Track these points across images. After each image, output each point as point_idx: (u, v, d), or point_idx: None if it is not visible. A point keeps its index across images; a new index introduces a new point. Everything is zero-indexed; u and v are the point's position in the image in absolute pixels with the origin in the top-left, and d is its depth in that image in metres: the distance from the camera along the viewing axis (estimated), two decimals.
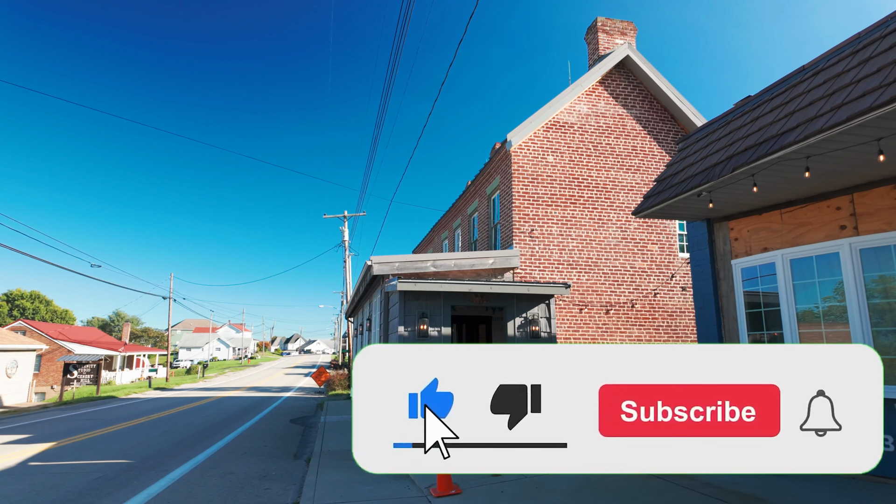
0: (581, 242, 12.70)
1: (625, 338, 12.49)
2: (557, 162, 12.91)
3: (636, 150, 13.46)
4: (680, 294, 13.00)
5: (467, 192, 16.55)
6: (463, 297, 9.58)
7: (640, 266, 12.95)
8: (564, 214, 12.73)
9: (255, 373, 57.36)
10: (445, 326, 9.42)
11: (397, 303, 9.50)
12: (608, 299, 12.60)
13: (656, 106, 13.83)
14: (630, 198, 13.18)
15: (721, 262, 7.37)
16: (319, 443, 11.06)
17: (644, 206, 7.29)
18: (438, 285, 9.04)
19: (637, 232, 13.08)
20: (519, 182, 12.57)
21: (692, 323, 12.90)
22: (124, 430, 14.73)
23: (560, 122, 13.12)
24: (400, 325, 9.25)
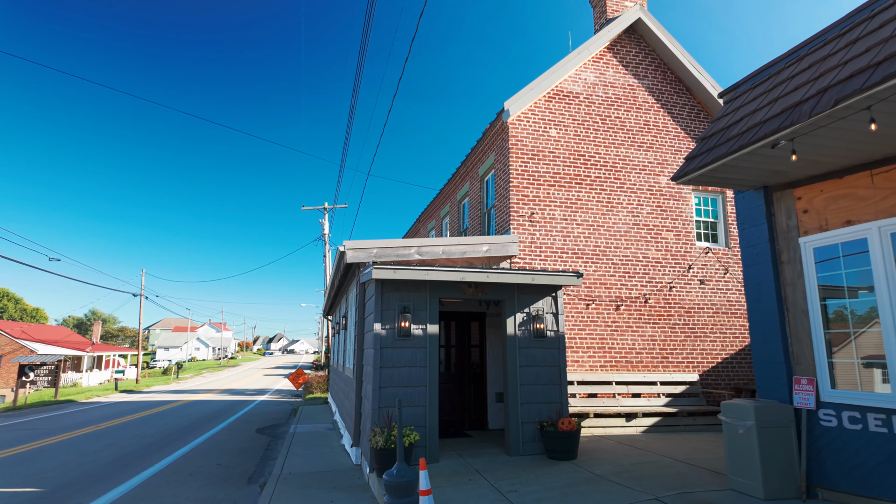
0: (587, 228, 11.09)
1: (637, 338, 10.92)
2: (561, 136, 11.29)
3: (648, 125, 11.90)
4: (698, 288, 11.46)
5: (457, 175, 14.88)
6: (453, 288, 7.90)
7: (654, 256, 11.39)
8: (569, 196, 11.10)
9: (233, 374, 55.10)
10: (432, 323, 7.73)
11: (373, 296, 7.81)
12: (618, 293, 11.02)
13: (670, 77, 12.28)
14: (642, 178, 11.61)
15: (784, 242, 5.78)
16: (282, 461, 9.31)
17: (689, 167, 5.67)
18: (423, 272, 7.35)
19: (650, 217, 11.52)
20: (517, 158, 10.92)
21: (711, 321, 11.38)
22: (61, 442, 12.80)
23: (564, 92, 11.51)
24: (376, 321, 7.55)
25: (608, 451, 8.03)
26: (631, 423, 9.88)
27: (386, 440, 6.78)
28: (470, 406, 10.13)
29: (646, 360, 10.90)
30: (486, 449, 8.26)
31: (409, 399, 7.44)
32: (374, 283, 7.84)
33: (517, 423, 7.78)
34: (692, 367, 11.11)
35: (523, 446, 7.74)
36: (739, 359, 11.42)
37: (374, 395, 7.34)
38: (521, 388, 7.92)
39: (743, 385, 11.24)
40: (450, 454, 7.89)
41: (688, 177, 5.71)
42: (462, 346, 10.30)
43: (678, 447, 8.24)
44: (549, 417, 7.89)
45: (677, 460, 7.26)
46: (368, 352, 8.10)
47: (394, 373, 7.49)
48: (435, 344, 7.70)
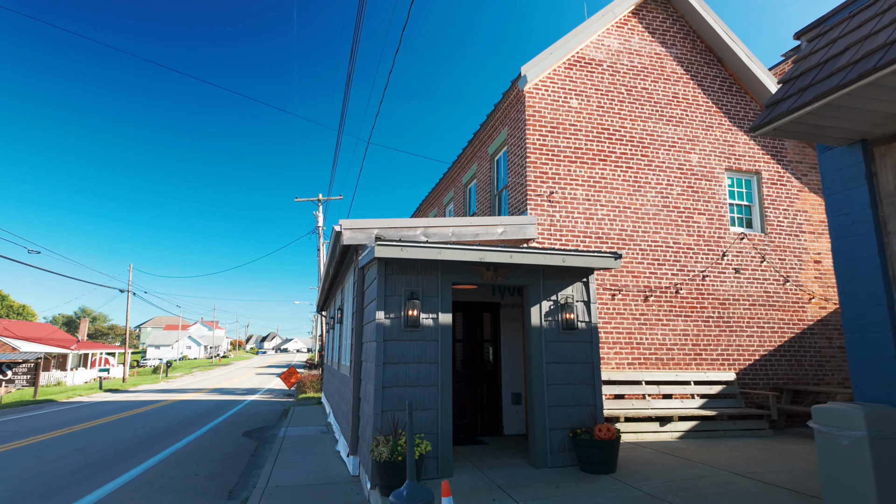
0: (612, 210, 9.94)
1: (668, 332, 9.78)
2: (583, 108, 10.13)
3: (677, 98, 10.76)
4: (733, 277, 10.33)
5: (463, 156, 13.69)
6: (468, 271, 6.73)
7: (685, 242, 10.25)
8: (592, 174, 9.95)
9: (225, 372, 53.72)
10: (444, 312, 6.55)
11: (375, 279, 6.63)
12: (647, 282, 9.87)
13: (700, 46, 11.16)
14: (671, 156, 10.47)
15: (891, 208, 4.64)
16: (269, 470, 8.11)
17: (776, 113, 4.52)
18: (435, 251, 6.17)
19: (680, 199, 10.38)
20: (535, 131, 9.75)
21: (748, 313, 10.26)
22: (25, 447, 11.52)
23: (586, 59, 10.35)
24: (379, 309, 6.37)
25: (649, 461, 6.88)
26: (665, 427, 8.74)
27: (392, 451, 5.59)
28: (483, 408, 8.96)
29: (677, 357, 9.77)
30: (506, 459, 7.09)
31: (418, 401, 6.26)
32: (375, 265, 6.66)
33: (544, 429, 6.62)
34: (727, 364, 9.99)
35: (551, 457, 6.58)
36: (779, 355, 10.30)
37: (377, 397, 6.16)
38: (549, 389, 6.75)
39: (783, 385, 10.13)
40: (464, 466, 6.72)
41: (773, 125, 4.56)
42: (473, 341, 9.13)
43: (729, 457, 7.10)
44: (582, 423, 6.73)
45: (737, 474, 6.12)
46: (369, 346, 6.92)
47: (399, 370, 6.31)
48: (448, 336, 6.52)
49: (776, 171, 11.05)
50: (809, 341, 10.54)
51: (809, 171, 11.26)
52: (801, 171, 11.21)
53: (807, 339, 10.53)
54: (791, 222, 10.91)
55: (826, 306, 10.76)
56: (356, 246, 8.34)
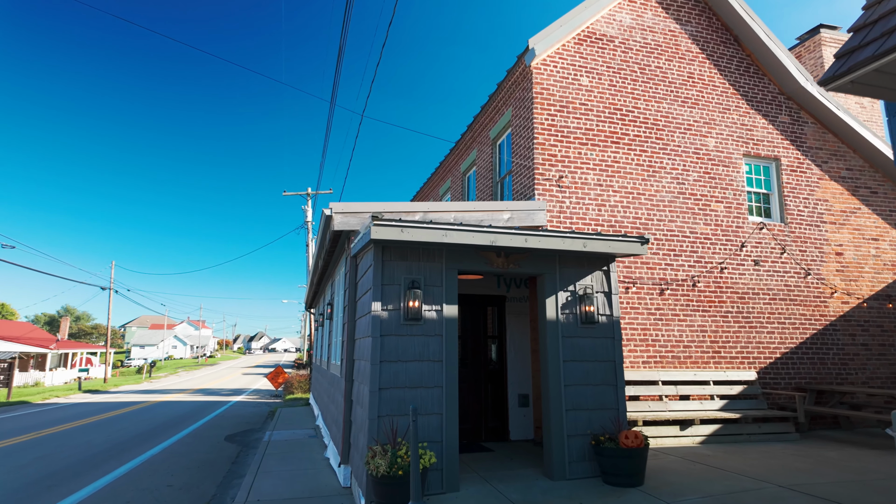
0: (626, 196, 9.21)
1: (684, 328, 9.07)
2: (594, 86, 9.39)
3: (692, 78, 10.06)
4: (752, 270, 9.65)
5: (461, 142, 12.90)
6: (476, 258, 5.94)
7: (703, 231, 9.55)
8: (604, 158, 9.21)
9: (211, 372, 52.52)
10: (449, 303, 5.76)
11: (370, 267, 5.82)
12: (662, 274, 9.15)
13: (716, 24, 10.47)
14: (687, 139, 9.76)
15: None
16: (250, 480, 7.25)
17: (855, 61, 3.78)
18: (440, 233, 5.38)
19: (697, 185, 9.68)
20: (543, 110, 8.99)
21: (768, 308, 9.58)
22: None
23: (597, 34, 9.61)
24: (375, 300, 5.56)
25: (677, 471, 6.15)
26: (685, 431, 8.02)
27: (390, 464, 4.79)
28: (487, 411, 8.18)
29: (695, 356, 9.06)
30: (517, 469, 6.32)
31: (420, 405, 5.47)
32: (371, 250, 5.85)
33: (561, 436, 5.85)
34: (747, 363, 9.31)
35: (570, 467, 5.82)
36: (801, 353, 9.64)
37: (372, 400, 5.35)
38: (566, 391, 5.99)
39: (806, 385, 9.47)
40: (471, 477, 5.93)
41: (850, 76, 3.82)
42: (477, 338, 8.35)
43: (764, 466, 6.39)
44: (604, 428, 5.97)
45: (782, 487, 5.39)
46: (363, 342, 6.11)
47: (398, 369, 5.51)
48: (454, 330, 5.73)
49: (796, 158, 10.39)
50: (832, 338, 9.89)
51: (830, 157, 10.62)
52: (821, 158, 10.56)
53: (829, 336, 9.88)
54: (812, 212, 10.26)
55: (848, 301, 10.12)
56: (348, 233, 7.52)
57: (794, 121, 10.53)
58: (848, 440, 8.38)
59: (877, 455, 7.12)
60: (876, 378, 10.00)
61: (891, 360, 10.17)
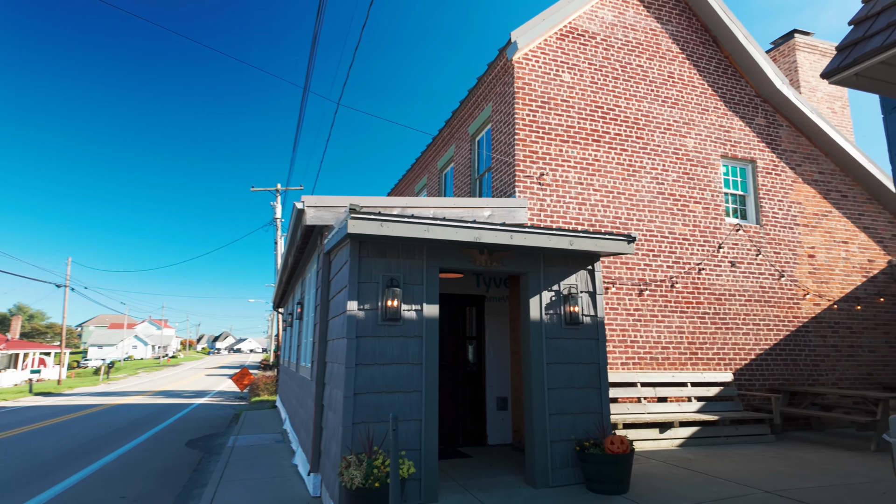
0: (606, 195, 9.08)
1: (662, 329, 8.99)
2: (576, 83, 9.22)
3: (673, 78, 10.01)
4: (728, 271, 9.65)
5: (439, 138, 12.60)
6: (458, 255, 5.65)
7: (681, 232, 9.50)
8: (585, 156, 9.05)
9: (173, 373, 50.78)
10: (430, 303, 5.45)
11: (346, 264, 5.46)
12: (641, 275, 9.05)
13: (695, 24, 10.45)
14: (667, 139, 9.70)
15: None
16: (212, 491, 6.79)
17: (861, 52, 3.64)
18: (422, 228, 5.06)
19: (676, 186, 9.62)
20: (525, 106, 8.77)
21: (744, 309, 9.60)
22: None
23: (579, 30, 9.45)
24: (351, 299, 5.21)
25: (662, 476, 5.99)
26: (665, 434, 7.91)
27: (366, 475, 4.45)
28: (465, 415, 7.90)
29: (672, 357, 8.99)
30: (497, 476, 6.05)
31: (398, 410, 5.15)
32: (347, 246, 5.49)
33: (544, 441, 5.61)
34: (723, 364, 9.29)
35: (553, 474, 5.58)
36: (774, 354, 9.69)
37: (347, 406, 5.00)
38: (550, 394, 5.75)
39: (780, 386, 9.51)
40: (450, 486, 5.64)
41: (854, 69, 3.68)
42: (455, 338, 8.06)
43: (747, 470, 6.29)
44: (588, 433, 5.77)
45: (770, 493, 5.28)
46: (337, 344, 5.74)
47: (375, 372, 5.17)
48: (434, 331, 5.42)
49: (771, 160, 10.47)
50: (804, 339, 9.98)
51: (803, 160, 10.74)
52: (795, 161, 10.67)
53: (801, 338, 9.97)
54: (786, 214, 10.35)
55: (820, 303, 10.24)
56: (321, 228, 7.14)
57: (770, 123, 10.61)
58: (822, 441, 8.42)
59: (853, 457, 7.14)
60: (845, 379, 10.15)
61: (859, 361, 10.33)
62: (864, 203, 11.09)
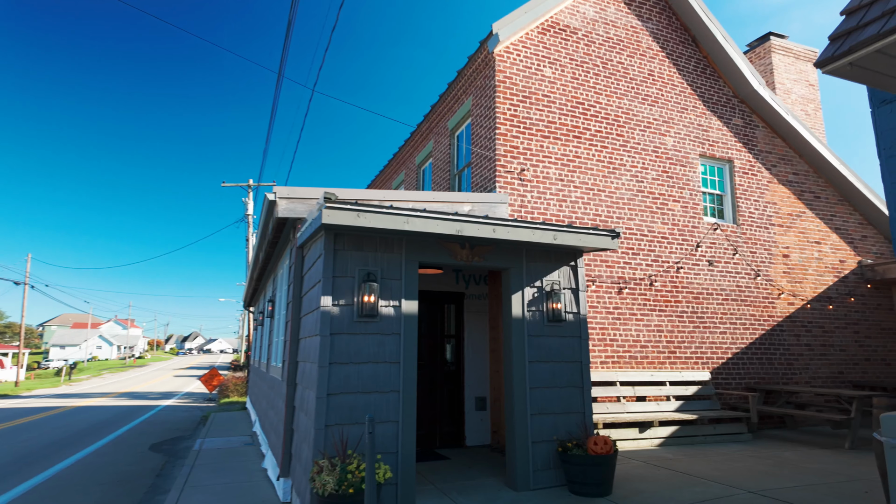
0: (587, 192, 8.97)
1: (641, 327, 8.93)
2: (557, 78, 9.09)
3: (653, 76, 9.98)
4: (706, 270, 9.66)
5: (417, 133, 12.35)
6: (439, 249, 5.42)
7: (660, 230, 9.46)
8: (566, 152, 8.93)
9: (139, 374, 49.24)
10: (409, 298, 5.21)
11: (320, 257, 5.18)
12: (621, 273, 8.97)
13: (675, 23, 10.45)
14: (647, 137, 9.66)
15: None
16: (175, 496, 6.41)
17: (858, 40, 3.54)
18: (401, 219, 4.82)
19: (655, 184, 9.58)
20: (506, 100, 8.59)
21: (721, 308, 9.62)
22: None
23: (560, 25, 9.32)
24: (325, 294, 4.93)
25: (644, 477, 5.87)
26: (645, 434, 7.82)
27: (339, 481, 4.19)
28: (442, 416, 7.67)
29: (651, 356, 8.93)
30: (477, 479, 5.84)
31: (375, 412, 4.89)
32: (321, 239, 5.21)
33: (526, 442, 5.43)
34: (701, 363, 9.29)
35: (534, 476, 5.40)
36: (750, 353, 9.74)
37: (319, 407, 4.72)
38: (532, 393, 5.57)
39: (755, 385, 9.56)
40: (428, 490, 5.40)
41: (849, 57, 3.58)
42: (433, 337, 7.83)
43: (729, 470, 6.22)
44: (570, 433, 5.61)
45: (753, 493, 5.19)
46: (310, 342, 5.45)
47: (350, 372, 4.91)
48: (413, 328, 5.18)
49: (748, 161, 10.54)
50: (779, 339, 10.06)
51: (779, 161, 10.84)
52: (770, 162, 10.77)
53: (776, 337, 10.05)
54: (762, 214, 10.43)
55: (794, 302, 10.34)
56: (294, 221, 6.82)
57: (747, 124, 10.68)
58: (797, 439, 8.47)
59: (830, 455, 7.16)
60: (818, 378, 10.27)
61: (831, 360, 10.47)
62: (835, 204, 11.27)
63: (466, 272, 8.08)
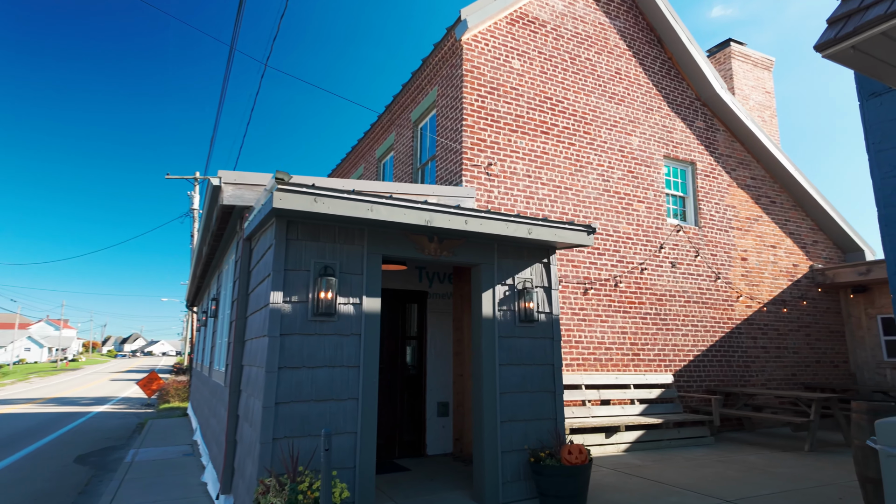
0: (554, 189, 8.70)
1: (606, 329, 8.72)
2: (525, 71, 8.79)
3: (620, 75, 9.84)
4: (669, 272, 9.58)
5: (378, 125, 11.80)
6: (402, 240, 4.95)
7: (625, 231, 9.31)
8: (533, 147, 8.63)
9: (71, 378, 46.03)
10: (371, 296, 4.71)
11: (270, 248, 4.60)
12: (586, 273, 8.74)
13: (642, 23, 10.37)
14: (613, 136, 9.50)
15: None
16: None
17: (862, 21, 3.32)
18: (364, 207, 4.31)
19: (621, 184, 9.43)
20: (473, 90, 8.20)
21: (683, 311, 9.56)
22: None
23: (529, 16, 9.03)
24: (275, 289, 4.36)
25: (617, 486, 5.57)
26: (611, 439, 7.59)
27: (288, 503, 3.64)
28: (403, 423, 7.17)
29: (615, 358, 8.74)
30: (440, 492, 5.39)
31: (330, 422, 4.36)
32: (273, 227, 4.63)
33: (495, 452, 5.02)
34: (664, 366, 9.18)
35: (503, 489, 5.00)
36: (710, 356, 9.73)
37: (266, 418, 4.15)
38: (502, 399, 5.17)
39: (715, 387, 9.55)
40: None
41: (852, 40, 3.35)
42: (393, 338, 7.32)
43: (700, 476, 6.03)
44: (542, 442, 5.24)
45: (731, 502, 4.97)
46: (256, 343, 4.85)
47: (303, 377, 4.36)
48: (375, 328, 4.68)
49: (709, 164, 10.58)
50: (737, 341, 10.12)
51: (738, 165, 10.96)
52: (730, 166, 10.86)
53: (735, 339, 10.10)
54: (722, 217, 10.48)
55: (751, 305, 10.44)
56: (241, 210, 6.17)
57: (709, 127, 10.73)
58: (757, 442, 8.46)
59: (793, 458, 7.12)
60: (773, 380, 10.40)
61: (785, 362, 10.64)
62: (790, 209, 11.50)
63: (430, 269, 7.63)
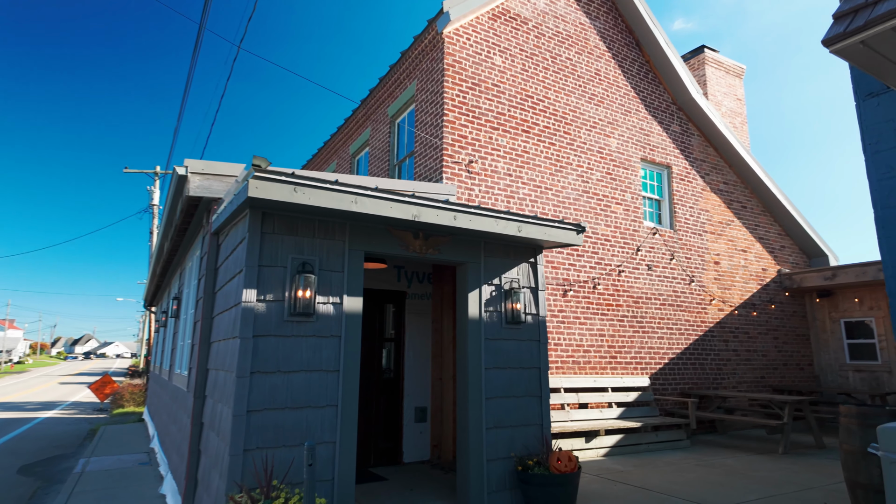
0: (534, 189, 8.55)
1: (584, 331, 8.62)
2: (507, 67, 8.61)
3: (599, 76, 9.79)
4: (646, 274, 9.57)
5: (352, 119, 11.44)
6: (386, 236, 4.66)
7: (604, 232, 9.24)
8: (514, 146, 8.45)
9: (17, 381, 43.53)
10: (352, 295, 4.40)
11: (242, 242, 4.25)
12: (566, 275, 8.62)
13: (621, 25, 10.37)
14: (592, 137, 9.43)
15: None
16: None
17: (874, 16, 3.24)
18: (348, 198, 4.01)
19: (600, 185, 9.36)
20: (455, 85, 7.97)
21: (658, 313, 9.56)
22: None
23: (511, 13, 8.87)
24: (248, 286, 4.01)
25: (603, 494, 5.41)
26: (591, 444, 7.46)
27: None
28: (379, 429, 6.85)
29: (593, 361, 8.64)
30: (421, 502, 5.11)
31: (308, 431, 4.03)
32: (246, 219, 4.27)
33: (480, 460, 4.78)
34: (640, 368, 9.15)
35: (489, 499, 4.76)
36: (685, 359, 9.76)
37: (237, 427, 3.79)
38: (488, 404, 4.94)
39: (689, 390, 9.58)
40: None
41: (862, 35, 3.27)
42: (370, 340, 7.00)
43: (684, 481, 5.94)
44: (528, 448, 5.03)
45: None
46: (225, 345, 4.47)
47: (278, 382, 4.02)
48: (356, 330, 4.38)
49: (684, 167, 10.65)
50: (710, 344, 10.20)
51: (711, 170, 11.08)
52: (704, 170, 10.97)
53: (708, 342, 10.18)
54: (696, 221, 10.57)
55: (724, 308, 10.55)
56: (209, 202, 5.76)
57: (684, 131, 10.82)
58: (732, 445, 8.50)
59: (770, 461, 7.15)
60: (743, 382, 10.52)
61: (754, 365, 10.79)
62: (759, 214, 11.71)
63: (409, 269, 7.35)
